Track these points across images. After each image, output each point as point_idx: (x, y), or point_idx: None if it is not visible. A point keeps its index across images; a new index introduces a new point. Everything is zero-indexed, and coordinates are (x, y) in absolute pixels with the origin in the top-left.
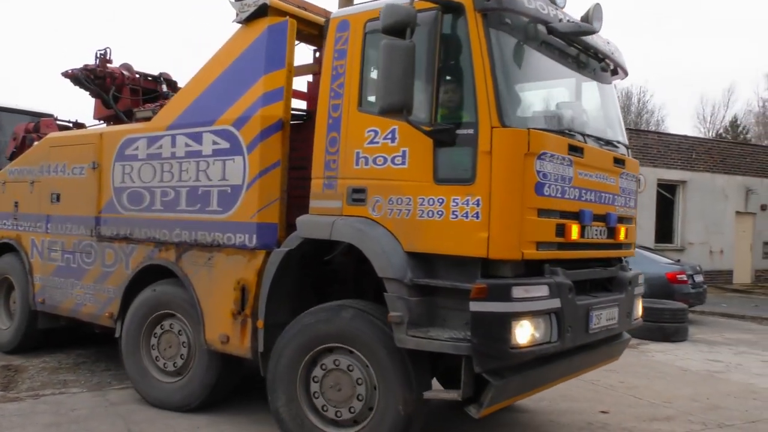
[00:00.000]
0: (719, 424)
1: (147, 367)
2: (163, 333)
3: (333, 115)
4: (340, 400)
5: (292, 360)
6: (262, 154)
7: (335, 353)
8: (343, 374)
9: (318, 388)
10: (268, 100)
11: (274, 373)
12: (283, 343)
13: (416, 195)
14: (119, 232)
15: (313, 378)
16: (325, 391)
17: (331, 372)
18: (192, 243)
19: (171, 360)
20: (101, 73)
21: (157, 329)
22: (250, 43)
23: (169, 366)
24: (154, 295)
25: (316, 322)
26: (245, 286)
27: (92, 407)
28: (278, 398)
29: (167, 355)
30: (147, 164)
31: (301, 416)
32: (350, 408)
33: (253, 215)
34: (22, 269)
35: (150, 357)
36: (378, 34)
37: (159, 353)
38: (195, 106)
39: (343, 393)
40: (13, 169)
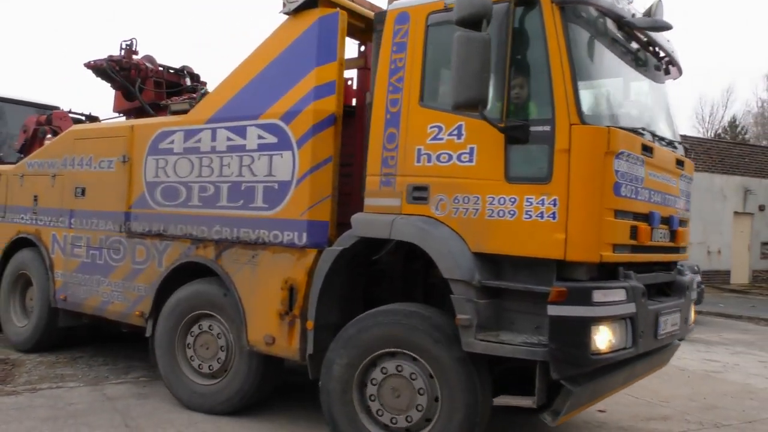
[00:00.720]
0: (716, 423)
1: (182, 368)
2: (200, 334)
3: (391, 110)
4: (397, 407)
5: (351, 362)
6: (313, 150)
7: (398, 358)
8: (404, 381)
9: (375, 391)
10: (320, 94)
11: (329, 375)
12: (341, 344)
13: (485, 194)
14: (151, 228)
15: (371, 381)
16: (382, 396)
17: (392, 377)
18: (234, 240)
19: (208, 362)
20: (127, 64)
21: (194, 329)
22: (298, 34)
23: (205, 368)
24: (190, 295)
25: (378, 324)
26: (293, 286)
27: (90, 401)
28: (333, 400)
29: (204, 357)
30: (183, 158)
31: (355, 419)
32: (407, 417)
33: (303, 213)
34: (42, 265)
35: (185, 358)
36: (441, 27)
37: (195, 355)
38: (238, 99)
39: (401, 401)
40: (33, 161)
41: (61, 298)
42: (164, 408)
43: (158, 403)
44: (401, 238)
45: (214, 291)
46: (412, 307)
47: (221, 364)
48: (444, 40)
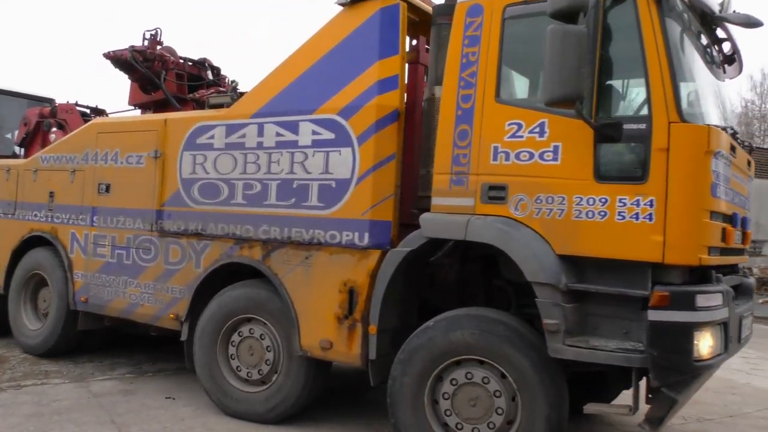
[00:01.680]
0: (698, 418)
1: (225, 375)
2: (244, 339)
3: (463, 106)
4: (477, 416)
5: (422, 371)
6: (376, 147)
7: (463, 366)
8: (478, 388)
9: (450, 405)
10: (383, 88)
11: (400, 384)
12: (410, 352)
13: (572, 194)
14: (187, 227)
15: (443, 395)
16: (458, 407)
17: (464, 386)
18: (284, 240)
19: (254, 368)
20: (151, 55)
21: (237, 333)
22: (356, 26)
23: (253, 374)
24: (235, 297)
25: (457, 331)
26: (354, 288)
27: (75, 398)
28: (404, 413)
29: (249, 363)
30: (225, 154)
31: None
32: (489, 423)
33: (365, 212)
34: (59, 265)
35: (228, 364)
36: (520, 20)
37: (239, 360)
38: (288, 93)
39: (479, 408)
40: (48, 156)
41: (82, 300)
42: (150, 404)
43: (144, 399)
44: (478, 240)
45: (261, 294)
46: (487, 312)
47: (268, 370)
48: (523, 34)
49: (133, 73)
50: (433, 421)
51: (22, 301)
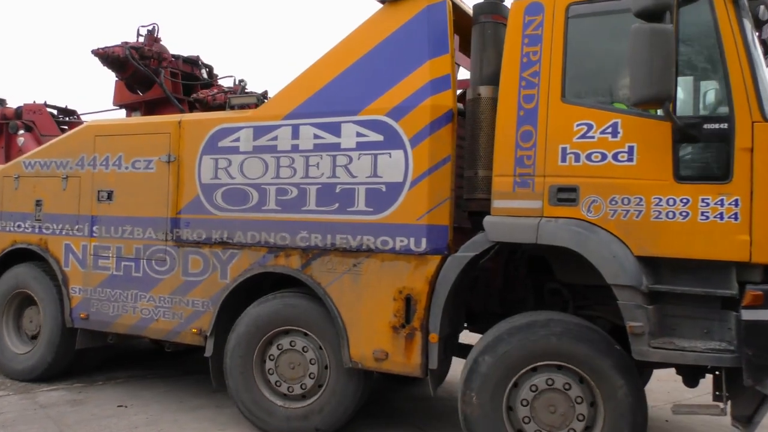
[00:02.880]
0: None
1: (262, 391)
2: (284, 351)
3: (525, 107)
4: (557, 423)
5: (500, 380)
6: (431, 149)
7: (540, 372)
8: (558, 394)
9: (529, 412)
10: (436, 88)
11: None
12: (492, 361)
13: (650, 194)
14: (210, 235)
15: (522, 402)
16: (537, 414)
17: (544, 392)
18: (327, 248)
19: (295, 382)
20: (149, 52)
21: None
22: (401, 24)
23: (295, 389)
24: (272, 309)
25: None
26: (411, 296)
27: (20, 410)
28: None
29: (289, 378)
30: (254, 158)
31: None
32: (569, 430)
33: (421, 217)
34: (51, 280)
35: (264, 380)
36: (585, 19)
37: (278, 375)
38: (326, 92)
39: (558, 415)
40: (33, 161)
41: (81, 317)
42: (101, 414)
43: (94, 408)
44: (551, 243)
45: (300, 304)
46: (563, 316)
47: (312, 384)
48: (588, 33)
49: (124, 71)
50: (510, 428)
51: (4, 322)
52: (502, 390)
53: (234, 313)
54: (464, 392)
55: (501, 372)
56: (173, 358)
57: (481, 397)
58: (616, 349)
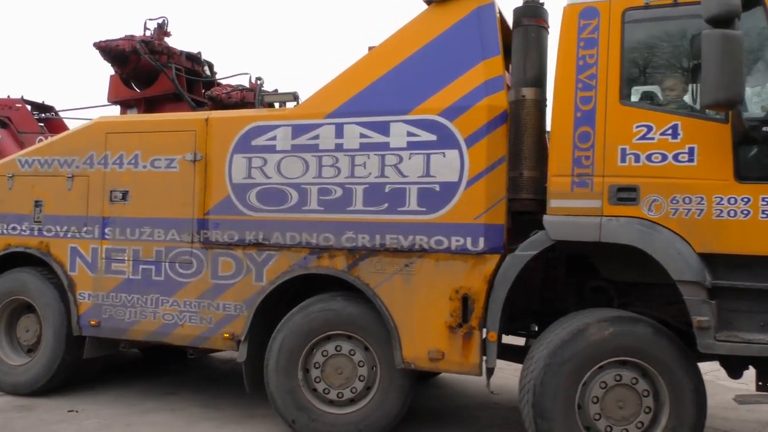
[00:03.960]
0: None
1: (307, 397)
2: (330, 357)
3: (582, 108)
4: (626, 416)
5: (573, 378)
6: (488, 149)
7: (607, 369)
8: (625, 389)
9: (599, 409)
10: (491, 89)
11: (542, 393)
12: (562, 358)
13: (711, 194)
14: (244, 236)
15: (593, 399)
16: (607, 410)
17: (614, 388)
18: (375, 248)
19: (342, 388)
20: (159, 47)
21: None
22: (450, 25)
23: (345, 394)
24: (320, 312)
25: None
26: (468, 295)
27: None
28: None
29: (336, 383)
30: (292, 157)
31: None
32: (637, 423)
33: (479, 216)
34: (53, 286)
35: (308, 386)
36: (641, 24)
37: (324, 381)
38: (372, 91)
39: (627, 409)
40: (31, 158)
41: (91, 324)
42: (50, 419)
43: (43, 414)
44: (616, 241)
45: (348, 307)
46: (625, 312)
47: (362, 388)
48: (645, 38)
49: (125, 66)
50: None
51: None
52: (576, 386)
53: (267, 316)
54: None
55: (574, 370)
56: (126, 362)
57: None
58: (679, 343)
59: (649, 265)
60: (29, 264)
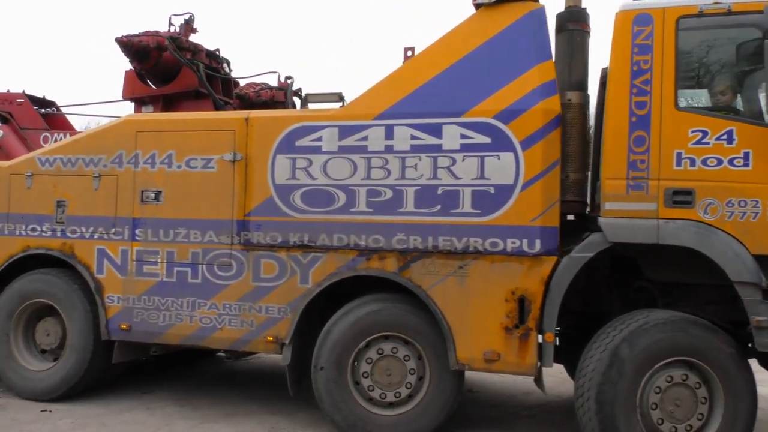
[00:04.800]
0: None
1: (357, 400)
2: (380, 358)
3: (637, 113)
4: (681, 416)
5: (634, 376)
6: (544, 152)
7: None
8: (683, 389)
9: (658, 406)
10: (546, 93)
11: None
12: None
13: (766, 197)
14: (287, 238)
15: (655, 388)
16: (665, 409)
17: (672, 387)
18: (428, 250)
19: (392, 389)
20: (187, 43)
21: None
22: (503, 28)
23: (388, 395)
24: (368, 315)
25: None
26: (524, 297)
27: None
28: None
29: (385, 384)
30: (339, 158)
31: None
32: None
33: (535, 218)
34: (79, 289)
35: (358, 388)
36: (696, 32)
37: (374, 383)
38: (422, 93)
39: (683, 409)
40: (53, 157)
41: (122, 328)
42: (24, 419)
43: (16, 414)
44: (674, 243)
45: (397, 309)
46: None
47: (410, 391)
48: (700, 45)
49: (145, 62)
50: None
51: (13, 337)
52: (637, 386)
53: (311, 318)
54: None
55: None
56: None
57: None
58: (734, 343)
59: (692, 266)
60: (45, 266)
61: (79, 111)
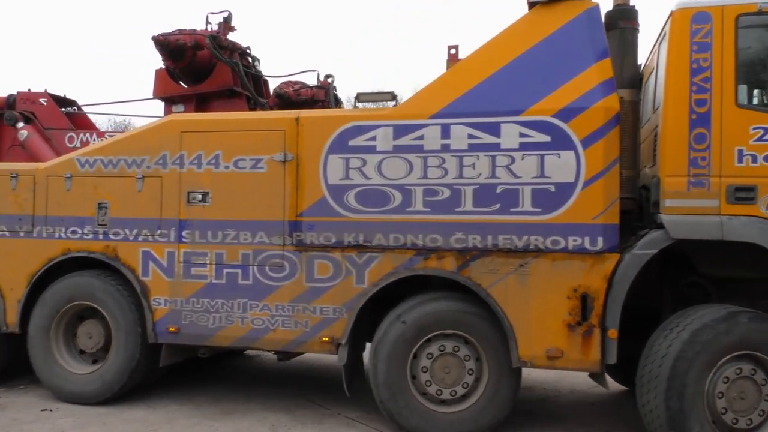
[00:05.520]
0: (571, 390)
1: (417, 397)
2: (439, 356)
3: (697, 110)
4: (746, 408)
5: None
6: (605, 150)
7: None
8: (746, 381)
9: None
10: (605, 91)
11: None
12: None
13: None
14: (342, 238)
15: (718, 395)
16: (730, 401)
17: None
18: (488, 249)
19: (450, 387)
20: (226, 42)
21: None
22: (559, 26)
23: (444, 393)
24: (427, 314)
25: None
26: (587, 294)
27: None
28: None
29: (445, 382)
30: (394, 158)
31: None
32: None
33: (597, 216)
34: (124, 292)
35: (417, 385)
36: (755, 30)
37: (432, 380)
38: (478, 92)
39: (748, 400)
40: (93, 158)
41: (170, 331)
42: (24, 418)
43: (17, 413)
44: (739, 239)
45: (456, 306)
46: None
47: (468, 388)
48: (759, 42)
49: (180, 61)
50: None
51: (54, 340)
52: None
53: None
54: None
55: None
56: None
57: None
58: None
59: (747, 262)
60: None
61: (100, 110)
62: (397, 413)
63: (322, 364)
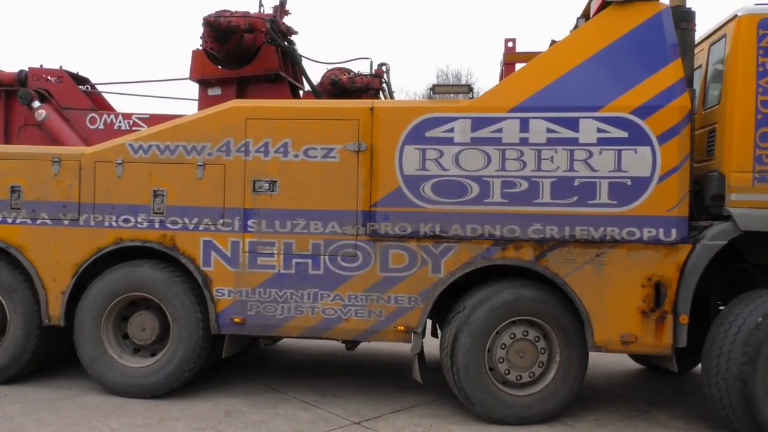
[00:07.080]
0: None
1: (494, 381)
2: (514, 341)
3: (763, 111)
4: None
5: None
6: (680, 146)
7: None
8: None
9: None
10: (680, 90)
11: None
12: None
13: None
14: (418, 228)
15: None
16: None
17: None
18: (565, 239)
19: (524, 371)
20: (283, 26)
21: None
22: (636, 25)
23: (524, 377)
24: (505, 302)
25: None
26: (660, 282)
27: None
28: None
29: (519, 366)
30: (472, 150)
31: None
32: None
33: (672, 208)
34: (181, 282)
35: (493, 370)
36: None
37: (509, 365)
38: (557, 87)
39: None
40: (147, 144)
41: (235, 322)
42: (25, 414)
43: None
44: None
45: (533, 295)
46: None
47: (540, 372)
48: None
49: (227, 43)
50: None
51: (103, 332)
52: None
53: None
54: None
55: None
56: None
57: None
58: None
59: None
60: (134, 258)
61: (115, 90)
62: (470, 391)
63: (281, 350)
